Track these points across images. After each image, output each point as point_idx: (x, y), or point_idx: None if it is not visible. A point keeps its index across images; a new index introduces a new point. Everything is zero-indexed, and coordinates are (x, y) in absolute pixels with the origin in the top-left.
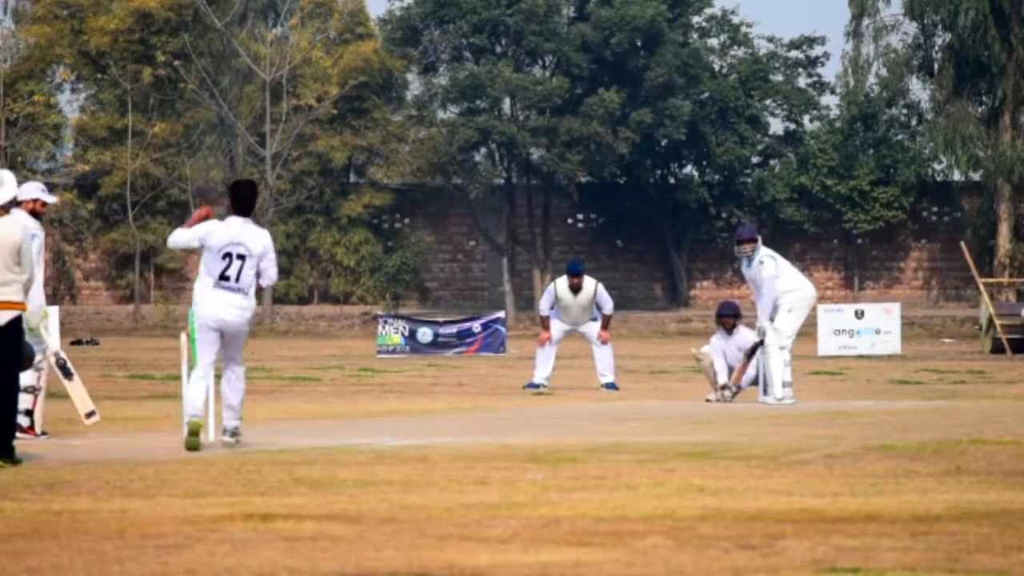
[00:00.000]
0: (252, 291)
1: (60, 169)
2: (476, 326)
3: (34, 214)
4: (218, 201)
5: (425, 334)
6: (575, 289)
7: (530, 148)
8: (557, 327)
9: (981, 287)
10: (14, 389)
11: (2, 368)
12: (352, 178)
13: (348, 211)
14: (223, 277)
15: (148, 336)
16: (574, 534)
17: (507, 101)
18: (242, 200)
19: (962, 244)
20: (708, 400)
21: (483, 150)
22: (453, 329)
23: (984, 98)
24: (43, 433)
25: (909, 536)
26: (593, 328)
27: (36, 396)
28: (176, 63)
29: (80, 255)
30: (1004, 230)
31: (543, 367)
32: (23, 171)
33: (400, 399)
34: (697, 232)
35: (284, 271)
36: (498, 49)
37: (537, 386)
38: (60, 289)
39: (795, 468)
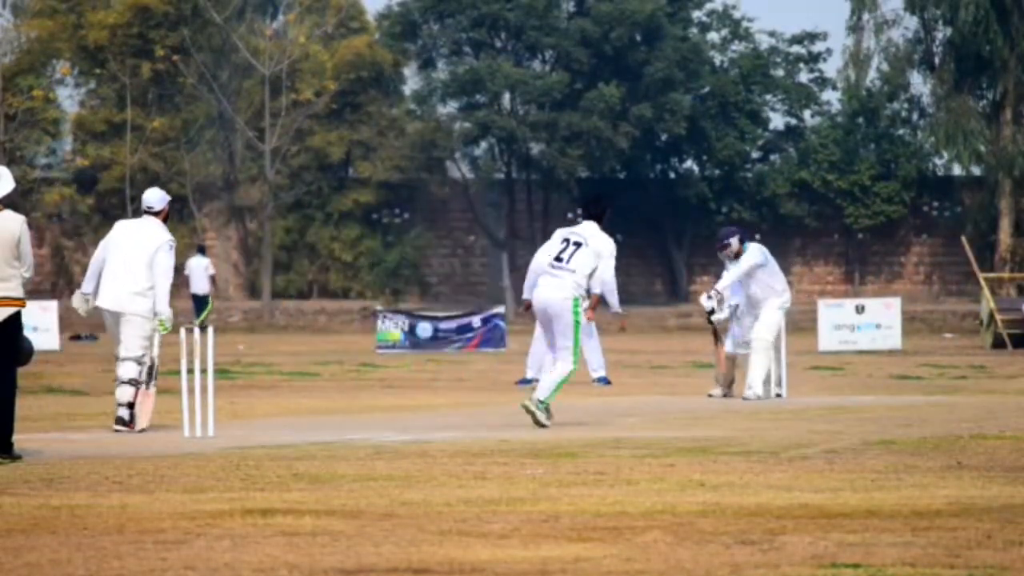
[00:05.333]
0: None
1: (59, 164)
2: (476, 321)
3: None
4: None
5: (425, 329)
6: None
7: (530, 143)
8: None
9: (982, 282)
10: (12, 385)
11: (1, 365)
12: (350, 172)
13: (345, 206)
14: None
15: None
16: (574, 529)
17: (507, 96)
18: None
19: (963, 239)
20: (710, 395)
21: (483, 145)
22: (453, 324)
23: (985, 93)
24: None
25: (910, 532)
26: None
27: (138, 390)
28: (175, 58)
29: (79, 250)
30: (1005, 225)
31: (535, 363)
32: (22, 166)
33: (399, 394)
34: (697, 227)
35: (283, 266)
36: (498, 44)
37: (529, 381)
38: (59, 284)
39: (795, 464)
